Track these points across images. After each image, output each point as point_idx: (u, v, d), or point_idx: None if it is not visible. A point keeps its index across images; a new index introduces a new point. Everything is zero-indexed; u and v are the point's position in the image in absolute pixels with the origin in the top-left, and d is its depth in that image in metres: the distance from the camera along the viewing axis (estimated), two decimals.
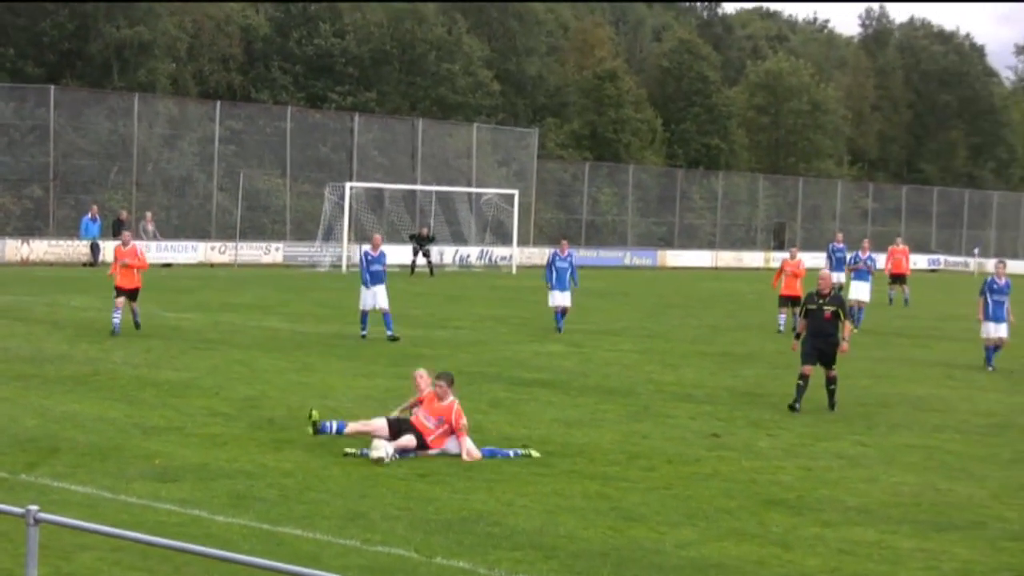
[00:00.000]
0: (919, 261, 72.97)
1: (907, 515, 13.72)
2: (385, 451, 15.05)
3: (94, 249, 51.18)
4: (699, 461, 16.12)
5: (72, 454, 14.89)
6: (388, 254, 30.09)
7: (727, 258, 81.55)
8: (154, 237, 54.69)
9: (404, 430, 15.77)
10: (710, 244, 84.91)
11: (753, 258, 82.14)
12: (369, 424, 15.97)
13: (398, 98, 75.30)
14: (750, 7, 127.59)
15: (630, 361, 26.69)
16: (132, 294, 27.39)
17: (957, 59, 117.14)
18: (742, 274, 71.99)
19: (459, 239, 66.16)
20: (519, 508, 13.24)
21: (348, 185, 58.19)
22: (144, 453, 15.11)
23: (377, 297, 28.32)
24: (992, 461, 17.14)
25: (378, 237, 30.55)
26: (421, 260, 55.23)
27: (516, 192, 64.23)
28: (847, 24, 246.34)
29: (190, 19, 67.93)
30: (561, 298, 31.81)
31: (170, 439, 16.07)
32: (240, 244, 57.67)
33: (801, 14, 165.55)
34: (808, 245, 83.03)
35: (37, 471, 13.94)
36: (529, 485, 14.30)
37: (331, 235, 58.32)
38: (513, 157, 74.69)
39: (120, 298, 27.16)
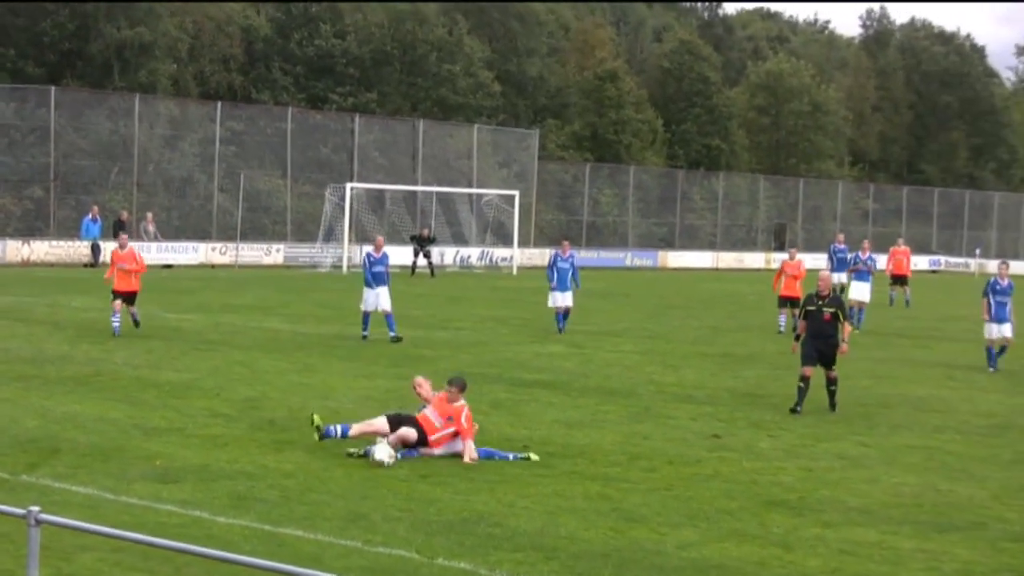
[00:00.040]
0: (920, 262, 72.94)
1: (908, 516, 13.73)
2: (387, 454, 15.03)
3: (95, 250, 51.17)
4: (700, 462, 16.12)
5: (73, 455, 14.89)
6: (389, 255, 30.10)
7: (728, 259, 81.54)
8: (155, 238, 54.75)
9: (405, 424, 15.78)
10: (711, 245, 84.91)
11: (754, 259, 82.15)
12: (372, 424, 15.96)
13: (399, 99, 75.29)
14: (751, 8, 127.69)
15: (631, 362, 26.69)
16: (130, 298, 27.24)
17: (958, 60, 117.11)
18: (743, 275, 71.98)
19: (460, 240, 66.20)
20: (520, 509, 13.24)
21: (349, 186, 58.23)
22: (145, 454, 15.12)
23: (380, 298, 28.32)
24: (993, 462, 17.15)
25: (380, 238, 30.58)
26: (422, 261, 55.25)
27: (517, 193, 64.27)
28: (848, 25, 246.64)
29: (191, 20, 67.91)
30: (562, 299, 31.83)
31: (171, 440, 16.07)
32: (241, 245, 57.69)
33: (802, 15, 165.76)
34: (809, 246, 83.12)
35: (38, 472, 13.94)
36: (530, 486, 14.30)
37: (332, 236, 58.35)
38: (514, 158, 74.71)
39: (117, 301, 27.09)
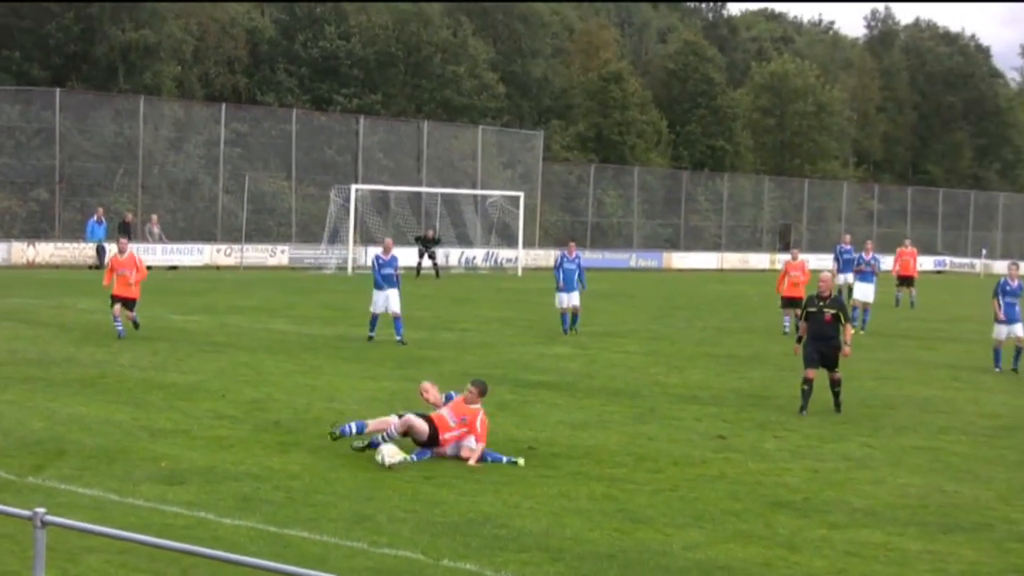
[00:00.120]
0: (925, 263, 72.90)
1: (914, 517, 13.71)
2: (393, 453, 15.00)
3: (100, 251, 51.20)
4: (705, 463, 16.11)
5: (79, 457, 14.89)
6: (398, 257, 30.11)
7: (733, 260, 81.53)
8: (160, 239, 54.82)
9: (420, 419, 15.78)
10: (716, 246, 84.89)
11: (759, 260, 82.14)
12: (385, 421, 15.94)
13: (403, 100, 75.34)
14: (755, 8, 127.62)
15: (636, 363, 26.68)
16: (129, 304, 27.14)
17: (962, 60, 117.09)
18: (748, 276, 71.96)
19: (464, 241, 66.23)
20: (525, 510, 13.24)
21: (353, 187, 58.30)
22: (151, 456, 15.12)
23: (389, 300, 28.31)
24: (998, 463, 17.13)
25: (389, 241, 30.57)
26: (427, 262, 55.25)
27: (521, 194, 64.30)
28: (852, 25, 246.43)
29: (195, 22, 67.97)
30: (568, 299, 31.82)
31: (177, 442, 16.08)
32: (246, 246, 57.75)
33: (806, 15, 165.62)
34: (814, 247, 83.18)
35: (44, 473, 13.95)
36: (535, 487, 14.30)
37: (337, 237, 58.41)
38: (518, 159, 74.73)
39: (116, 306, 26.99)
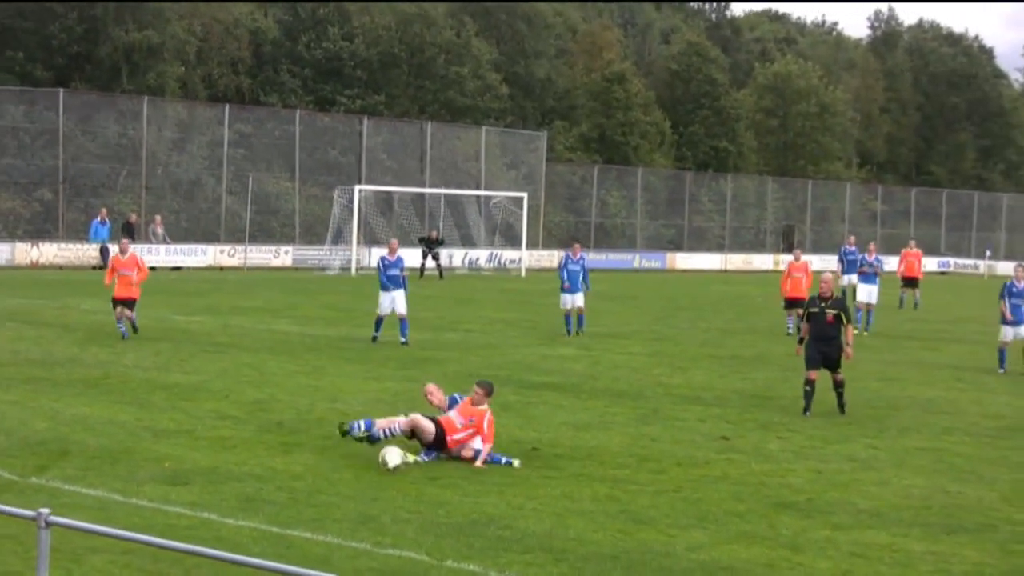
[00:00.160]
0: (928, 264, 72.78)
1: (917, 518, 13.71)
2: (397, 455, 14.96)
3: (103, 252, 51.17)
4: (709, 464, 16.11)
5: (82, 457, 14.91)
6: (404, 258, 30.10)
7: (736, 261, 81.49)
8: (163, 240, 54.85)
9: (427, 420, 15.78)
10: (719, 247, 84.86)
11: (762, 261, 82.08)
12: (393, 421, 15.92)
13: (407, 101, 75.32)
14: (758, 9, 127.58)
15: (639, 364, 26.68)
16: (129, 304, 27.18)
17: (966, 61, 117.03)
18: (751, 277, 71.96)
19: (468, 242, 66.24)
20: (529, 511, 13.24)
21: (357, 188, 58.29)
22: (154, 456, 15.13)
23: (396, 302, 28.31)
24: (1002, 464, 17.12)
25: (395, 242, 30.57)
26: (430, 263, 55.23)
27: (525, 195, 64.32)
28: (856, 26, 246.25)
29: (199, 22, 67.98)
30: (572, 300, 31.80)
31: (180, 442, 16.08)
32: (249, 247, 57.78)
33: (810, 16, 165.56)
34: (817, 248, 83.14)
35: (47, 474, 13.96)
36: (539, 488, 14.30)
37: (340, 238, 58.42)
38: (522, 160, 74.72)
39: (119, 308, 27.02)
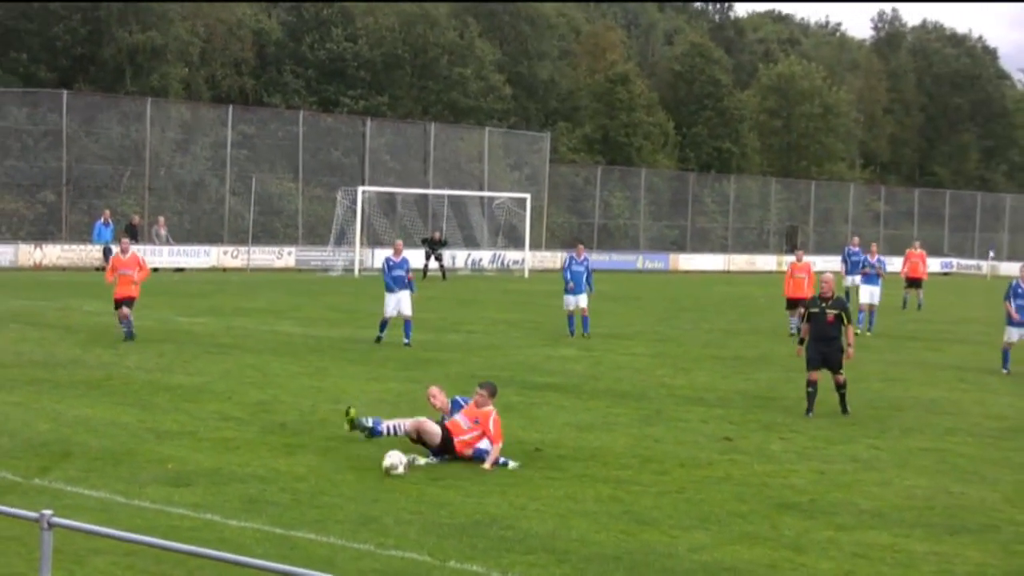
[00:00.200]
0: (931, 264, 72.64)
1: (920, 518, 13.70)
2: (399, 459, 14.84)
3: (107, 253, 51.12)
4: (711, 465, 16.10)
5: (85, 458, 14.91)
6: (408, 259, 30.13)
7: (739, 262, 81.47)
8: (167, 242, 54.88)
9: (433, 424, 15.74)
10: (722, 248, 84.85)
11: (765, 261, 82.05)
12: (398, 421, 15.86)
13: (410, 102, 75.35)
14: (762, 10, 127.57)
15: (642, 365, 26.67)
16: (129, 303, 27.13)
17: (969, 62, 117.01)
18: (754, 278, 71.92)
19: (471, 243, 66.25)
20: (532, 512, 13.24)
21: (360, 189, 58.35)
22: (157, 457, 15.14)
23: (401, 304, 28.31)
24: (1005, 464, 17.10)
25: (399, 242, 30.62)
26: (433, 264, 55.24)
27: (528, 196, 64.32)
28: (859, 27, 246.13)
29: (202, 23, 68.02)
30: (575, 301, 31.76)
31: (183, 443, 16.09)
32: (252, 248, 57.80)
33: (813, 17, 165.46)
34: (820, 248, 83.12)
35: (50, 475, 13.97)
36: (541, 489, 14.30)
37: (343, 239, 58.44)
38: (525, 161, 74.74)
39: (123, 308, 26.99)
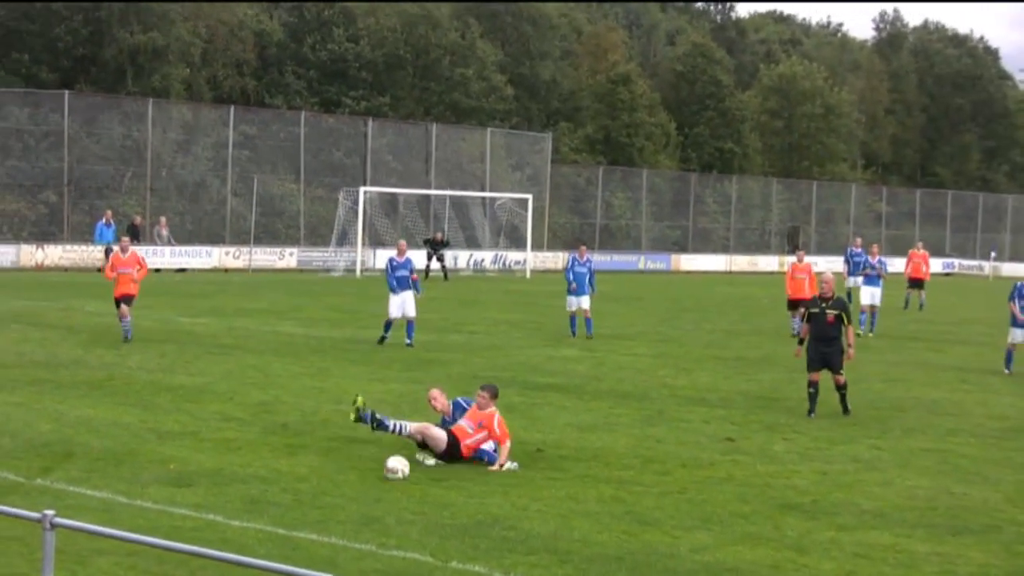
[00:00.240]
0: (933, 265, 72.64)
1: (922, 519, 13.70)
2: (400, 467, 14.62)
3: (108, 254, 50.98)
4: (713, 465, 16.10)
5: (87, 459, 14.92)
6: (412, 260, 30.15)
7: (741, 262, 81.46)
8: (168, 242, 54.88)
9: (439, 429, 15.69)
10: (724, 248, 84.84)
11: (767, 262, 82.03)
12: (405, 422, 15.81)
13: (412, 103, 75.35)
14: (763, 10, 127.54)
15: (644, 365, 26.66)
16: (128, 300, 27.08)
17: (971, 62, 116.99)
18: (756, 278, 71.88)
19: (473, 243, 66.25)
20: (534, 512, 13.24)
21: (362, 190, 58.37)
22: (159, 458, 15.14)
23: (405, 305, 28.31)
24: (1007, 465, 17.10)
25: (403, 243, 30.61)
26: (435, 265, 55.23)
27: (530, 196, 64.31)
28: (861, 28, 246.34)
29: (204, 24, 68.03)
30: (578, 302, 31.72)
31: (185, 444, 16.10)
32: (254, 249, 57.81)
33: (815, 18, 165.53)
34: (822, 249, 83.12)
35: (52, 476, 13.97)
36: (543, 489, 14.30)
37: (345, 240, 58.45)
38: (527, 161, 74.73)
39: (122, 307, 26.93)
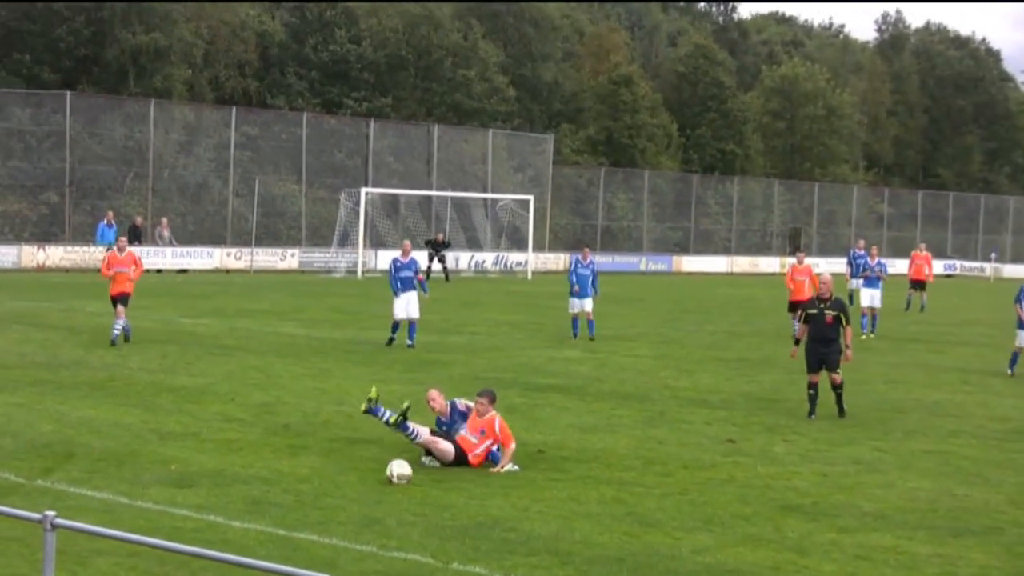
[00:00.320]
0: (935, 266, 72.65)
1: (923, 521, 13.68)
2: (404, 469, 14.45)
3: None
4: (715, 467, 16.09)
5: (88, 460, 14.92)
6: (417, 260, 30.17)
7: (743, 263, 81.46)
8: (170, 243, 54.91)
9: (447, 439, 15.54)
10: (726, 249, 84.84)
11: (769, 263, 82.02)
12: (422, 432, 15.69)
13: (414, 104, 75.39)
14: (765, 11, 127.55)
15: (645, 367, 26.66)
16: (125, 300, 26.96)
17: (973, 64, 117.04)
18: (758, 279, 71.88)
19: (475, 245, 66.27)
20: (535, 514, 13.23)
21: (364, 191, 58.40)
22: (160, 459, 15.14)
23: (410, 306, 28.31)
24: (1008, 466, 17.08)
25: (407, 243, 30.56)
26: (437, 266, 55.22)
27: (531, 198, 64.33)
28: (863, 29, 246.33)
29: (206, 25, 68.08)
30: (581, 304, 31.68)
31: (186, 445, 16.09)
32: (256, 250, 57.82)
33: (817, 19, 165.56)
34: (824, 251, 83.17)
35: (53, 476, 13.97)
36: (545, 491, 14.29)
37: (347, 241, 58.47)
38: (528, 163, 74.75)
39: (119, 307, 26.81)
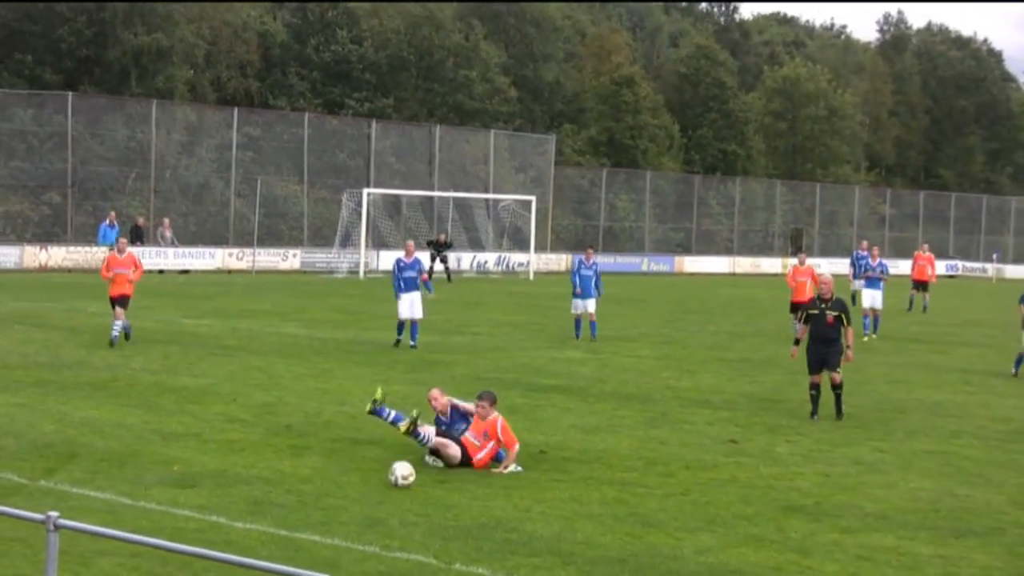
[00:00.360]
0: (937, 267, 72.68)
1: (925, 521, 13.69)
2: (407, 471, 14.36)
3: None
4: (717, 467, 16.10)
5: (90, 460, 14.92)
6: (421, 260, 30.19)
7: (745, 264, 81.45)
8: (172, 243, 54.92)
9: (452, 441, 15.54)
10: (727, 250, 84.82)
11: (771, 264, 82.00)
12: (432, 435, 15.69)
13: (415, 104, 75.40)
14: (767, 12, 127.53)
15: (647, 367, 26.66)
16: (123, 302, 26.91)
17: (974, 64, 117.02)
18: (760, 280, 71.86)
19: (476, 245, 66.26)
20: (537, 514, 13.24)
21: (365, 191, 58.40)
22: (162, 459, 15.15)
23: (413, 306, 28.30)
24: (1010, 467, 17.09)
25: (411, 244, 30.46)
26: (439, 266, 55.20)
27: (533, 198, 64.33)
28: (865, 29, 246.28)
29: (207, 26, 68.10)
30: (584, 305, 31.66)
31: (188, 445, 16.10)
32: (258, 250, 57.82)
33: (818, 19, 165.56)
34: (826, 251, 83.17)
35: (55, 477, 13.98)
36: (547, 491, 14.29)
37: (348, 241, 58.49)
38: (530, 163, 74.75)
39: (117, 308, 26.74)
